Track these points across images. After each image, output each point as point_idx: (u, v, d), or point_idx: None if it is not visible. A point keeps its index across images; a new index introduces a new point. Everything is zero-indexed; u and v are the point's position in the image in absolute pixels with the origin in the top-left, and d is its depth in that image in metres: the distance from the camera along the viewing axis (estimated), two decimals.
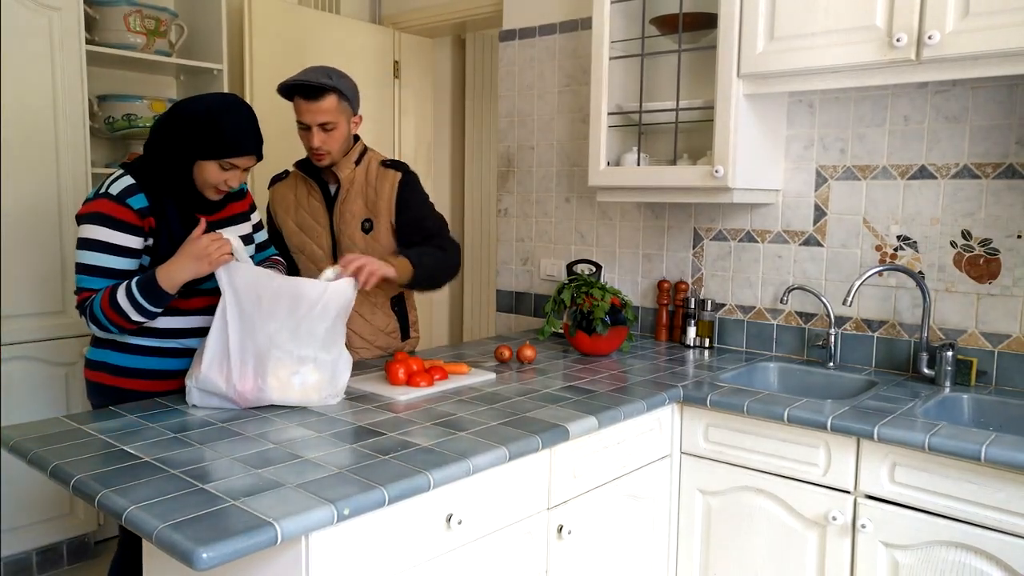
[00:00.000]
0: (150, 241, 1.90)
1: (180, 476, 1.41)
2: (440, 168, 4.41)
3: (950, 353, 2.18)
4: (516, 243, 3.33)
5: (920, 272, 2.32)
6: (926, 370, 2.24)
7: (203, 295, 1.97)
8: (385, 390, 2.00)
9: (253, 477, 1.41)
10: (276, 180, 2.49)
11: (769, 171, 2.50)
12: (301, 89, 2.20)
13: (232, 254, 1.82)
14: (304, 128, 2.24)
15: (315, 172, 2.37)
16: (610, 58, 2.56)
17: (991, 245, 2.20)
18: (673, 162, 2.52)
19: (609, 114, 2.58)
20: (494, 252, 3.46)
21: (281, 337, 1.79)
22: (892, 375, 2.34)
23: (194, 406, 1.82)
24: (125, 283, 1.83)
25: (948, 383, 2.19)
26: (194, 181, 1.92)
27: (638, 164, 2.59)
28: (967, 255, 2.24)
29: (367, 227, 2.32)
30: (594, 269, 3.00)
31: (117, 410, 1.80)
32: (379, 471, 1.45)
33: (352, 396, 1.96)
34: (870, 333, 2.42)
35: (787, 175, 2.55)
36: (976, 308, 2.23)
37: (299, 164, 2.41)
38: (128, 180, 1.88)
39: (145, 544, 1.64)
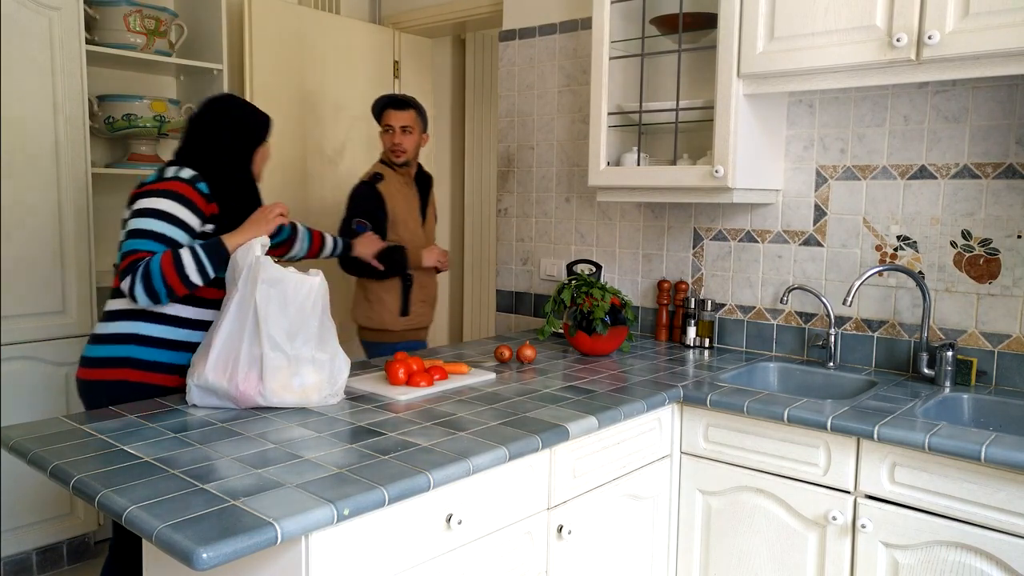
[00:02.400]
0: (208, 227, 2.02)
1: (180, 476, 1.41)
2: (440, 168, 4.41)
3: (950, 353, 2.18)
4: (516, 243, 3.33)
5: (920, 272, 2.32)
6: (926, 370, 2.24)
7: None
8: (385, 390, 2.00)
9: (253, 477, 1.41)
10: (379, 179, 2.94)
11: (769, 171, 2.50)
12: (392, 102, 2.96)
13: (284, 215, 2.08)
14: (388, 131, 2.94)
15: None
16: (610, 58, 2.56)
17: (991, 245, 2.20)
18: (673, 162, 2.52)
19: (609, 114, 2.58)
20: (494, 252, 3.46)
21: (279, 338, 1.79)
22: (892, 375, 2.34)
23: (194, 405, 1.83)
24: (187, 246, 1.94)
25: (948, 383, 2.19)
26: (252, 171, 2.19)
27: (638, 164, 2.59)
28: (967, 255, 2.24)
29: (435, 219, 3.19)
30: (594, 269, 3.00)
31: (117, 410, 1.81)
32: (379, 471, 1.45)
33: (352, 396, 1.96)
34: (870, 333, 2.42)
35: (787, 175, 2.55)
36: (976, 308, 2.23)
37: (388, 166, 2.99)
38: (192, 171, 2.01)
39: (145, 544, 1.64)
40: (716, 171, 2.31)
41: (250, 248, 1.86)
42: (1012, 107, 2.15)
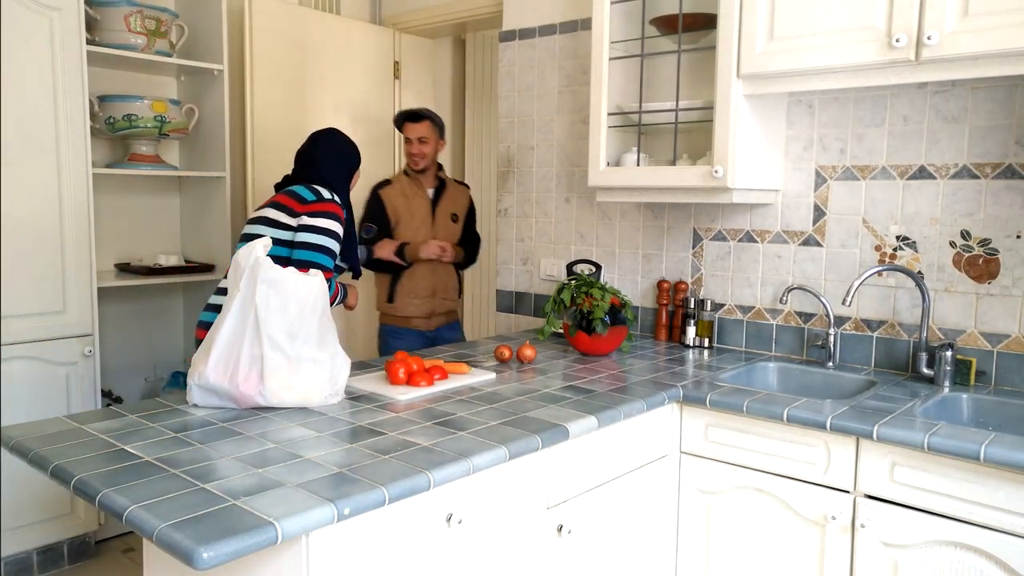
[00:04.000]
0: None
1: (181, 476, 1.41)
2: None
3: (949, 353, 2.18)
4: (516, 243, 3.33)
5: (919, 272, 2.32)
6: (925, 370, 2.25)
7: None
8: (385, 390, 2.00)
9: (254, 477, 1.41)
10: (383, 185, 3.29)
11: (769, 171, 2.50)
12: (409, 115, 3.26)
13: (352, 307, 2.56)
14: (408, 141, 3.26)
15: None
16: (610, 58, 2.56)
17: (990, 245, 2.20)
18: (673, 162, 2.53)
19: (609, 114, 2.58)
20: (494, 252, 3.47)
21: (279, 339, 1.79)
22: (891, 375, 2.34)
23: (195, 405, 1.83)
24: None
25: (947, 383, 2.19)
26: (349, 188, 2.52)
27: (638, 164, 2.59)
28: (966, 255, 2.25)
29: (454, 218, 3.36)
30: (594, 269, 3.00)
31: (118, 410, 1.81)
32: (379, 471, 1.45)
33: (352, 396, 1.96)
34: (869, 333, 2.42)
35: (787, 175, 2.56)
36: (975, 308, 2.24)
37: (406, 173, 3.32)
38: (336, 195, 2.37)
39: (146, 544, 1.64)
40: (716, 171, 2.31)
41: (251, 249, 1.86)
42: (1011, 107, 2.15)
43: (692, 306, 2.72)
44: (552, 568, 1.84)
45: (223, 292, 2.29)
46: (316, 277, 1.87)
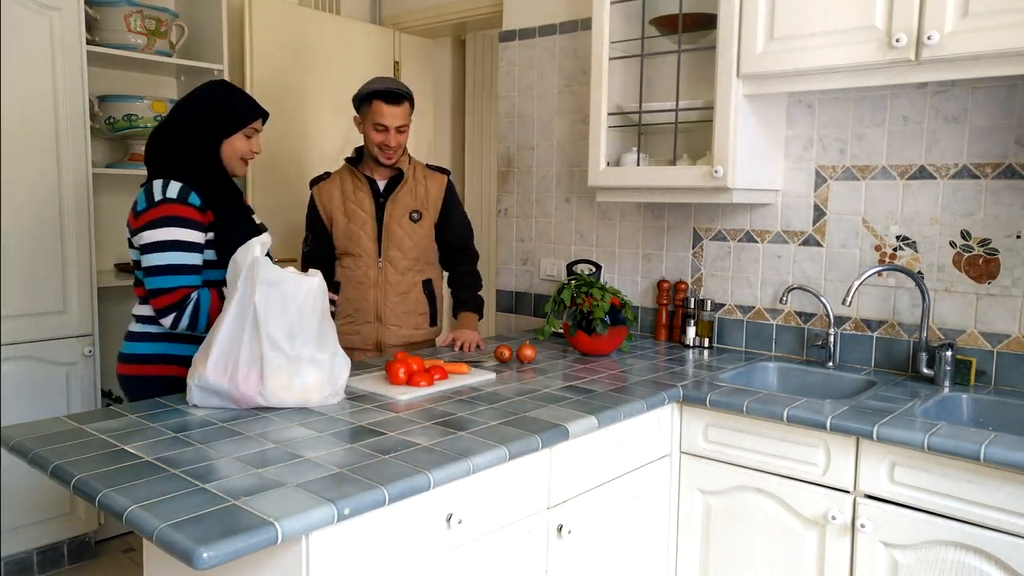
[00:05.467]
0: (210, 235, 2.02)
1: (181, 476, 1.41)
2: None
3: (949, 353, 2.18)
4: (516, 243, 3.33)
5: (919, 272, 2.32)
6: (925, 370, 2.25)
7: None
8: (385, 390, 2.00)
9: (253, 477, 1.41)
10: (318, 181, 2.74)
11: (769, 171, 2.50)
12: (385, 95, 2.52)
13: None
14: (381, 129, 2.54)
15: (360, 169, 2.68)
16: (610, 58, 2.56)
17: (990, 245, 2.20)
18: (673, 162, 2.53)
19: (609, 114, 2.58)
20: (494, 252, 3.47)
21: (278, 339, 1.79)
22: (891, 375, 2.34)
23: (194, 405, 1.83)
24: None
25: (947, 383, 2.19)
26: (223, 165, 2.08)
27: (638, 164, 2.59)
28: (966, 255, 2.25)
29: (415, 217, 2.65)
30: (594, 269, 3.00)
31: (118, 410, 1.81)
32: (379, 471, 1.45)
33: (352, 396, 1.96)
34: (869, 333, 2.42)
35: (787, 175, 2.56)
36: (975, 308, 2.24)
37: (349, 161, 2.70)
38: (178, 184, 1.98)
39: (145, 544, 1.64)
40: (716, 171, 2.31)
41: (249, 248, 1.86)
42: (1011, 107, 2.15)
43: (692, 306, 2.72)
44: (552, 568, 1.84)
45: (152, 321, 2.06)
46: (315, 277, 1.87)
